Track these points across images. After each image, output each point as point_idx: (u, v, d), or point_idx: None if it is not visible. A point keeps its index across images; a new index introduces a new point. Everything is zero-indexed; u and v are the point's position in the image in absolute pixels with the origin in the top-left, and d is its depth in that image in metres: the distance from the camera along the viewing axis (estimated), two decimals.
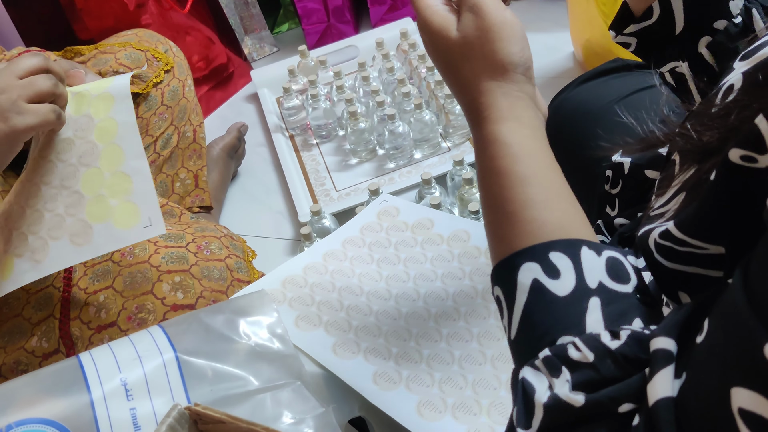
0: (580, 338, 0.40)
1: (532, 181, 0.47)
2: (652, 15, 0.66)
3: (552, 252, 0.44)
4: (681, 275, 0.46)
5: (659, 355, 0.37)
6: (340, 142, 1.48)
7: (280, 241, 1.36)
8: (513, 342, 0.45)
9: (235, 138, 1.49)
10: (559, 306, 0.42)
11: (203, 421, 0.50)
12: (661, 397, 0.35)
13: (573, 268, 0.43)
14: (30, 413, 0.54)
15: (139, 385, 0.58)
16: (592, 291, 0.42)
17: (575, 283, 0.43)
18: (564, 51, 1.61)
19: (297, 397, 0.60)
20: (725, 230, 0.40)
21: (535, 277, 0.43)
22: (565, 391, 0.39)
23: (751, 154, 0.36)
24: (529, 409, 0.40)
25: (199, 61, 1.67)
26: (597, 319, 0.41)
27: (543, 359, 0.41)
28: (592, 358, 0.39)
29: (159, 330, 0.63)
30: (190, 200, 1.31)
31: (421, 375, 0.69)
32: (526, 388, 0.40)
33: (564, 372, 0.39)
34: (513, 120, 0.50)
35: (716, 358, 0.33)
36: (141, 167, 0.79)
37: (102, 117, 0.81)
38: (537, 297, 0.43)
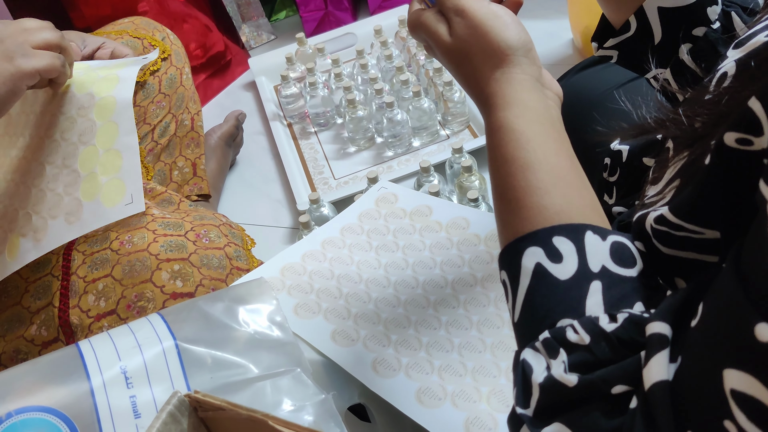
0: (578, 321, 0.41)
1: (534, 168, 0.48)
2: (630, 28, 0.67)
3: (555, 236, 0.44)
4: (677, 261, 0.46)
5: (654, 339, 0.38)
6: (338, 130, 1.48)
7: (278, 229, 1.36)
8: (516, 325, 0.46)
9: (233, 126, 1.49)
10: (560, 289, 0.43)
11: (203, 408, 0.50)
12: (656, 381, 0.36)
13: (576, 252, 0.44)
14: (30, 401, 0.54)
15: (138, 372, 0.58)
16: (594, 275, 0.43)
17: (577, 266, 0.43)
18: (563, 38, 1.60)
19: (297, 384, 0.60)
20: (720, 214, 0.40)
21: (538, 261, 0.44)
22: (560, 371, 0.40)
23: (747, 136, 0.36)
24: (527, 389, 0.41)
25: (197, 49, 1.66)
26: (597, 302, 0.42)
27: (542, 341, 0.42)
28: (588, 340, 0.40)
29: (158, 318, 0.63)
30: (188, 189, 1.31)
31: (420, 362, 0.69)
32: (525, 368, 0.41)
33: (561, 353, 0.40)
34: (517, 105, 0.51)
35: (709, 340, 0.34)
36: (131, 143, 0.80)
37: (103, 95, 0.82)
38: (539, 281, 0.44)
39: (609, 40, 0.69)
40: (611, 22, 0.69)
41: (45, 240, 0.78)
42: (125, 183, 0.78)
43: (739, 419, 0.31)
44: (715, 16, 0.64)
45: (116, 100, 0.80)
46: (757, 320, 0.30)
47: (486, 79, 0.53)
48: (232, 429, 0.50)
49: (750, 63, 0.42)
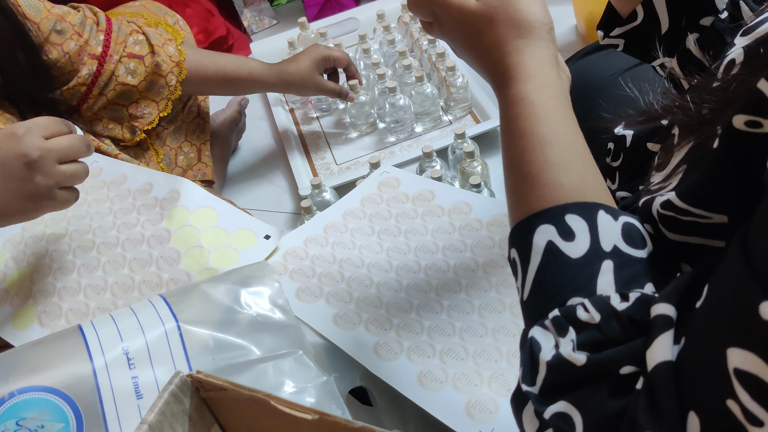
0: (589, 299, 0.41)
1: (552, 143, 0.47)
2: (636, 17, 0.66)
3: (568, 214, 0.44)
4: (683, 246, 0.46)
5: (659, 320, 0.38)
6: (340, 115, 1.48)
7: (280, 214, 1.36)
8: (525, 303, 0.45)
9: (236, 112, 1.48)
10: (571, 268, 0.42)
11: (205, 389, 0.50)
12: (659, 362, 0.36)
13: (588, 230, 0.43)
14: (32, 381, 0.55)
15: (141, 354, 0.58)
16: (606, 254, 0.43)
17: (589, 245, 0.43)
18: (567, 24, 1.59)
19: (299, 366, 0.60)
20: (728, 198, 0.40)
21: (550, 239, 0.43)
22: (569, 350, 0.39)
23: (756, 119, 0.36)
24: (534, 366, 0.41)
25: (199, 33, 1.65)
26: (608, 281, 0.42)
27: (552, 319, 0.41)
28: (598, 318, 0.40)
29: (160, 300, 0.64)
30: (192, 174, 1.31)
31: (422, 346, 0.69)
32: (533, 346, 0.41)
33: (570, 332, 0.40)
34: (539, 78, 0.50)
35: (713, 320, 0.34)
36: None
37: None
38: (550, 259, 0.43)
39: (615, 29, 0.69)
40: (618, 11, 0.69)
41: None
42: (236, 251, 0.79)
43: (743, 398, 0.31)
44: (723, 5, 0.63)
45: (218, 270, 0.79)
46: (762, 299, 0.29)
47: (509, 49, 0.52)
48: (234, 409, 0.50)
49: (759, 50, 0.42)
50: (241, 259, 0.77)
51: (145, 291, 0.76)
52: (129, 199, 0.86)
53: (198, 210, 0.82)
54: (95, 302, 0.76)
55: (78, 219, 0.85)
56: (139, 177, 0.88)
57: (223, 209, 0.83)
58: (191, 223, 0.80)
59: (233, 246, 0.79)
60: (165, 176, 0.87)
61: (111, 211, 0.85)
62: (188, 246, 0.78)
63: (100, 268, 0.79)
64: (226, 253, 0.78)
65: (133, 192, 0.86)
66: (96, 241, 0.81)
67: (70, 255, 0.81)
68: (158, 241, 0.80)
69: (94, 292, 0.77)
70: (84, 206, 0.86)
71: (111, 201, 0.86)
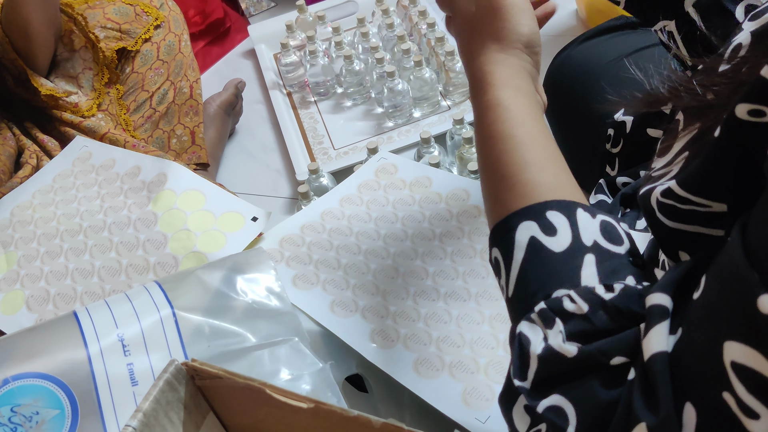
0: (575, 290, 0.41)
1: (528, 145, 0.49)
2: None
3: (549, 211, 0.44)
4: (682, 234, 0.46)
5: (654, 310, 0.38)
6: (338, 99, 1.47)
7: (277, 199, 1.35)
8: (510, 300, 0.45)
9: (233, 95, 1.47)
10: (554, 261, 0.43)
11: (200, 377, 0.50)
12: (655, 352, 0.36)
13: (569, 226, 0.44)
14: (27, 368, 0.54)
15: (136, 340, 0.58)
16: (588, 248, 0.43)
17: (571, 239, 0.43)
18: (567, 8, 1.58)
19: (295, 353, 0.60)
20: (728, 187, 0.39)
21: (532, 234, 0.44)
22: (559, 341, 0.39)
23: (760, 107, 0.35)
24: (525, 360, 0.41)
25: (195, 15, 1.63)
26: (592, 273, 0.42)
27: (538, 312, 0.41)
28: (586, 309, 0.40)
29: (156, 286, 0.63)
30: (186, 157, 1.30)
31: (418, 333, 0.69)
32: (522, 341, 0.41)
33: (558, 323, 0.40)
34: (513, 88, 0.53)
35: (711, 312, 0.33)
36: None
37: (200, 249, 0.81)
38: (533, 253, 0.44)
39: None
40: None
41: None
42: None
43: (739, 391, 0.30)
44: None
45: (207, 257, 0.78)
46: (761, 292, 0.29)
47: (487, 57, 0.54)
48: (230, 397, 0.50)
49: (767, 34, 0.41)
50: (229, 242, 0.77)
51: (132, 275, 0.76)
52: (117, 182, 0.85)
53: (185, 193, 0.82)
54: (82, 286, 0.75)
55: (66, 203, 0.84)
56: (128, 161, 0.87)
57: (210, 191, 0.83)
58: (178, 206, 0.80)
59: (220, 229, 0.79)
60: (153, 159, 0.86)
61: (99, 195, 0.84)
62: (175, 229, 0.78)
63: (87, 251, 0.79)
64: (214, 237, 0.78)
65: (121, 176, 0.86)
66: (83, 225, 0.81)
67: (57, 239, 0.80)
68: (145, 225, 0.80)
69: (81, 276, 0.76)
70: (72, 190, 0.85)
71: (99, 185, 0.86)
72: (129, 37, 1.22)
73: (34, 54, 1.12)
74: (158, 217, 0.80)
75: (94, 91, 1.19)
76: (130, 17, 1.23)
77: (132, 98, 1.24)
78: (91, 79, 1.19)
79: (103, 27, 1.19)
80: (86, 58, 1.19)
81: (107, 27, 1.20)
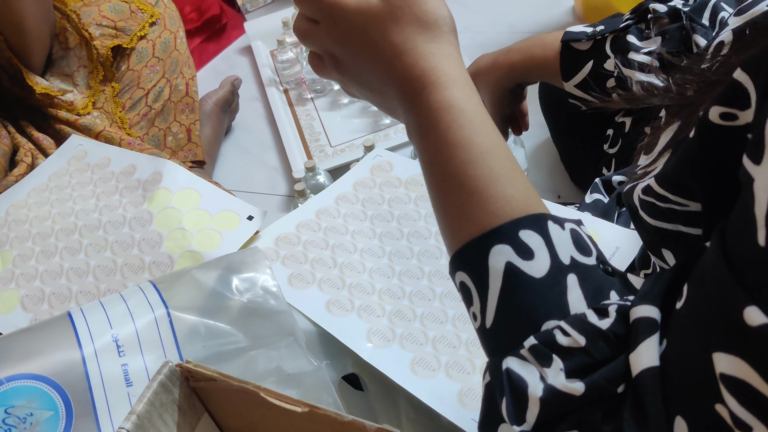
0: (566, 321, 0.38)
1: (493, 154, 0.43)
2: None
3: (522, 230, 0.40)
4: (664, 233, 0.45)
5: (642, 323, 0.36)
6: (335, 96, 1.46)
7: (274, 197, 1.35)
8: (488, 330, 0.41)
9: (229, 92, 1.47)
10: (537, 289, 0.39)
11: (195, 378, 0.50)
12: (645, 368, 0.34)
13: (545, 245, 0.40)
14: (20, 369, 0.54)
15: (130, 341, 0.58)
16: (567, 267, 0.40)
17: (550, 261, 0.40)
18: (563, 5, 1.58)
19: (290, 353, 0.60)
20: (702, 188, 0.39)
21: (508, 260, 0.40)
22: (562, 381, 0.37)
23: (732, 110, 0.35)
24: (522, 403, 0.38)
25: (192, 12, 1.63)
26: (578, 297, 0.39)
27: (529, 348, 0.38)
28: (583, 342, 0.37)
29: (150, 286, 0.63)
30: (182, 155, 1.30)
31: (414, 333, 0.69)
32: (514, 380, 0.38)
33: (556, 361, 0.37)
34: (463, 85, 0.46)
35: (697, 323, 0.33)
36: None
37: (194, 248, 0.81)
38: (512, 281, 0.40)
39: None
40: None
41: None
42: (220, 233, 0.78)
43: (730, 404, 0.30)
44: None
45: (202, 256, 0.78)
46: (746, 303, 0.29)
47: (421, 52, 0.46)
48: (224, 399, 0.50)
49: (745, 32, 0.41)
50: (224, 241, 0.77)
51: (128, 274, 0.76)
52: (112, 181, 0.85)
53: (181, 191, 0.82)
54: (78, 285, 0.75)
55: (61, 202, 0.84)
56: (124, 159, 0.87)
57: (206, 190, 0.82)
58: (173, 205, 0.80)
59: (216, 228, 0.79)
60: (149, 158, 0.86)
61: (94, 194, 0.84)
62: (170, 228, 0.78)
63: (83, 251, 0.78)
64: (209, 236, 0.78)
65: (116, 174, 0.86)
66: (78, 224, 0.81)
67: (52, 238, 0.80)
68: (140, 224, 0.79)
69: (76, 276, 0.76)
70: (67, 189, 0.85)
71: (94, 184, 0.85)
72: (124, 34, 1.21)
73: (30, 52, 1.12)
74: (153, 216, 0.80)
75: (89, 89, 1.19)
76: (125, 14, 1.22)
77: (127, 96, 1.24)
78: (86, 76, 1.19)
79: (99, 24, 1.19)
80: (81, 55, 1.19)
81: (102, 24, 1.19)
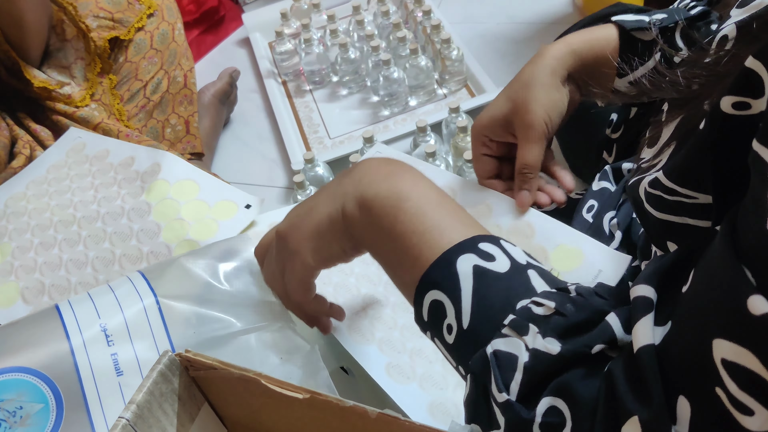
0: (536, 296, 0.42)
1: (435, 207, 0.50)
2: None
3: (480, 243, 0.46)
4: (670, 225, 0.45)
5: (639, 302, 0.38)
6: (333, 88, 1.46)
7: (272, 188, 1.34)
8: (467, 330, 0.44)
9: (227, 84, 1.46)
10: (504, 281, 0.44)
11: (194, 368, 0.49)
12: (643, 345, 0.35)
13: (502, 252, 0.46)
14: (9, 362, 0.54)
15: (119, 330, 0.57)
16: (525, 266, 0.45)
17: (510, 262, 0.45)
18: None
19: (283, 337, 0.60)
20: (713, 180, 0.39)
21: (475, 263, 0.45)
22: (540, 341, 0.40)
23: (745, 99, 0.35)
24: (509, 374, 0.40)
25: (190, 3, 1.62)
26: (541, 284, 0.44)
27: (509, 324, 0.42)
28: (553, 305, 0.41)
29: (138, 275, 0.62)
30: (181, 147, 1.29)
31: (393, 341, 0.68)
32: (501, 358, 0.41)
33: (532, 327, 0.41)
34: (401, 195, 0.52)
35: (700, 308, 0.33)
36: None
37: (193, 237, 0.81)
38: (482, 279, 0.44)
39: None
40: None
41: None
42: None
43: (731, 388, 0.30)
44: None
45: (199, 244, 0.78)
46: (751, 292, 0.29)
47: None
48: (225, 388, 0.49)
49: (752, 24, 0.41)
50: (221, 230, 0.77)
51: (126, 265, 0.75)
52: (111, 173, 0.85)
53: (179, 182, 0.81)
54: (77, 277, 0.75)
55: (60, 194, 0.83)
56: (122, 151, 0.87)
57: (204, 180, 0.82)
58: (172, 195, 0.79)
59: (214, 217, 0.78)
60: (147, 149, 0.86)
61: (92, 186, 0.84)
62: (168, 219, 0.77)
63: (81, 242, 0.78)
64: (207, 225, 0.77)
65: (114, 166, 0.85)
66: (77, 216, 0.80)
67: (51, 230, 0.80)
68: (138, 215, 0.79)
69: (75, 267, 0.76)
70: (66, 181, 0.84)
71: (93, 176, 0.85)
72: (122, 26, 1.21)
73: (27, 45, 1.11)
74: (152, 207, 0.79)
75: (86, 81, 1.18)
76: (122, 6, 1.22)
77: (125, 88, 1.23)
78: (84, 68, 1.18)
79: (96, 16, 1.18)
80: (78, 47, 1.18)
81: (99, 16, 1.19)
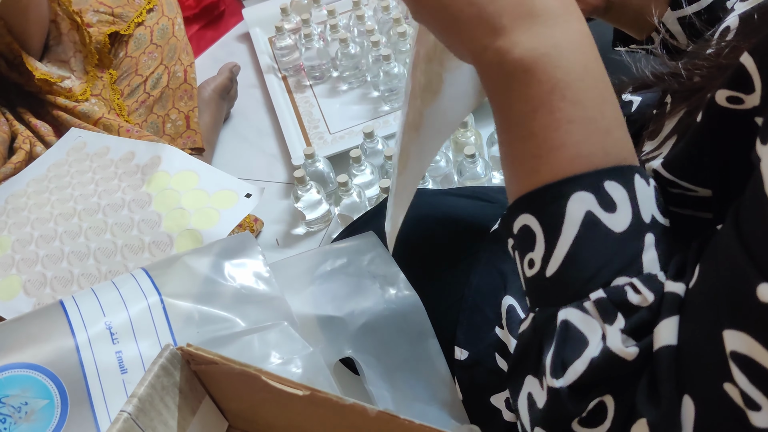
0: (638, 278, 0.37)
1: (586, 97, 0.40)
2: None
3: (607, 181, 0.38)
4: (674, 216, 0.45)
5: (669, 299, 0.35)
6: (333, 83, 1.46)
7: (273, 184, 1.35)
8: (548, 278, 0.39)
9: (227, 79, 1.46)
10: (614, 243, 0.38)
11: (196, 362, 0.50)
12: (663, 345, 0.34)
13: (629, 200, 0.38)
14: (14, 358, 0.54)
15: (124, 328, 0.58)
16: (647, 226, 0.38)
17: (631, 217, 0.38)
18: None
19: (284, 337, 0.60)
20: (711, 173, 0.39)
21: (589, 209, 0.38)
22: (618, 343, 0.35)
23: (738, 94, 0.35)
24: (572, 357, 0.36)
25: None
26: (653, 258, 0.38)
27: (595, 302, 0.37)
28: (651, 299, 0.36)
29: (143, 273, 0.63)
30: (181, 142, 1.29)
31: None
32: (572, 334, 0.37)
33: (619, 318, 0.36)
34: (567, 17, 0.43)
35: (708, 301, 0.33)
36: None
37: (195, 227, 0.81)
38: (590, 232, 0.38)
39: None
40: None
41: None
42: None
43: (740, 382, 0.30)
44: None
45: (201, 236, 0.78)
46: (760, 281, 0.29)
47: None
48: (226, 382, 0.50)
49: (753, 16, 0.41)
50: (222, 219, 0.77)
51: (128, 255, 0.76)
52: (111, 168, 0.85)
53: (179, 173, 0.82)
54: (79, 269, 0.75)
55: (60, 189, 0.84)
56: (122, 147, 0.87)
57: (203, 171, 0.83)
58: (172, 186, 0.80)
59: (214, 206, 0.79)
60: (147, 144, 0.86)
61: (93, 180, 0.84)
62: (169, 208, 0.78)
63: (82, 234, 0.79)
64: (207, 214, 0.78)
65: (115, 161, 0.86)
66: (77, 208, 0.81)
67: (51, 223, 0.80)
68: (139, 205, 0.80)
69: (77, 259, 0.76)
70: (66, 178, 0.85)
71: (93, 171, 0.86)
72: (122, 20, 1.21)
73: (30, 34, 1.11)
74: (152, 197, 0.80)
75: (86, 74, 1.19)
76: (122, 1, 1.22)
77: (126, 83, 1.23)
78: (82, 62, 1.19)
79: (96, 11, 1.18)
80: (74, 40, 1.18)
81: (99, 11, 1.19)
